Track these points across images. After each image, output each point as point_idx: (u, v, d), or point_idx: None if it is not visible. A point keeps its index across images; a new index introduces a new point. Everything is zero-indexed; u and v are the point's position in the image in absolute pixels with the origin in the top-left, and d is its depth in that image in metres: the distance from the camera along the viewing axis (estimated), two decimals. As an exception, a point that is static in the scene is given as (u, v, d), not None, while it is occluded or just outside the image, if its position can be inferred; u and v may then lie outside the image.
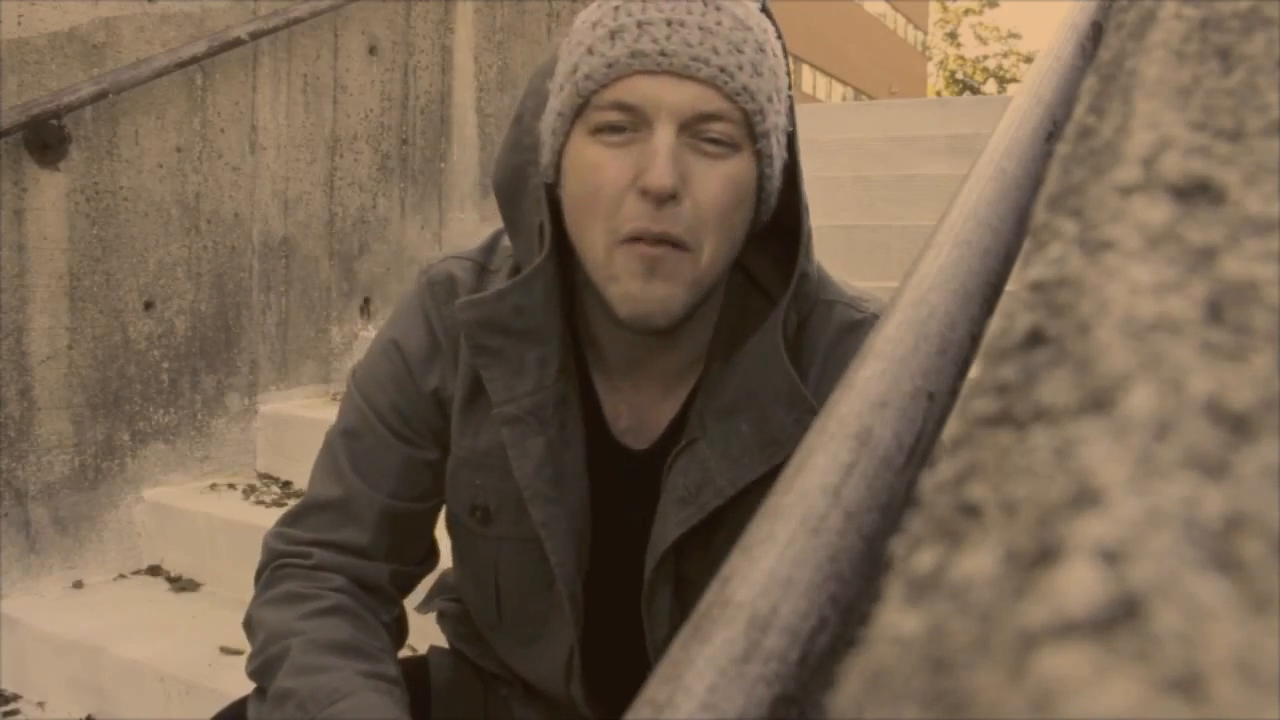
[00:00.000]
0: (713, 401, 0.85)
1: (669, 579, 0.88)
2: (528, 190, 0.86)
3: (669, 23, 0.76)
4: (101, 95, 2.18)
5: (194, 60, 2.34)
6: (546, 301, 0.85)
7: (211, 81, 2.45)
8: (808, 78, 28.09)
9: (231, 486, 2.46)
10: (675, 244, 0.76)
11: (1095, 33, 0.76)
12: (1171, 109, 0.31)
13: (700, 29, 0.76)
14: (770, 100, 0.79)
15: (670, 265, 0.77)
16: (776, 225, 0.87)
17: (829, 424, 0.39)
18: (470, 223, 3.15)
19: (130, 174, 2.30)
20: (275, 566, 0.93)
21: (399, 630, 0.97)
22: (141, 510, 2.37)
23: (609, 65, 0.76)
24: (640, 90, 0.76)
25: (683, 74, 0.75)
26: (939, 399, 0.42)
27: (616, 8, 0.78)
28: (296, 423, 2.53)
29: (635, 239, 0.76)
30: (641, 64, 0.75)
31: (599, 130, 0.78)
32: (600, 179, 0.77)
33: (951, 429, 0.22)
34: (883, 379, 0.41)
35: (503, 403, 0.85)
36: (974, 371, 0.28)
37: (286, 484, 2.50)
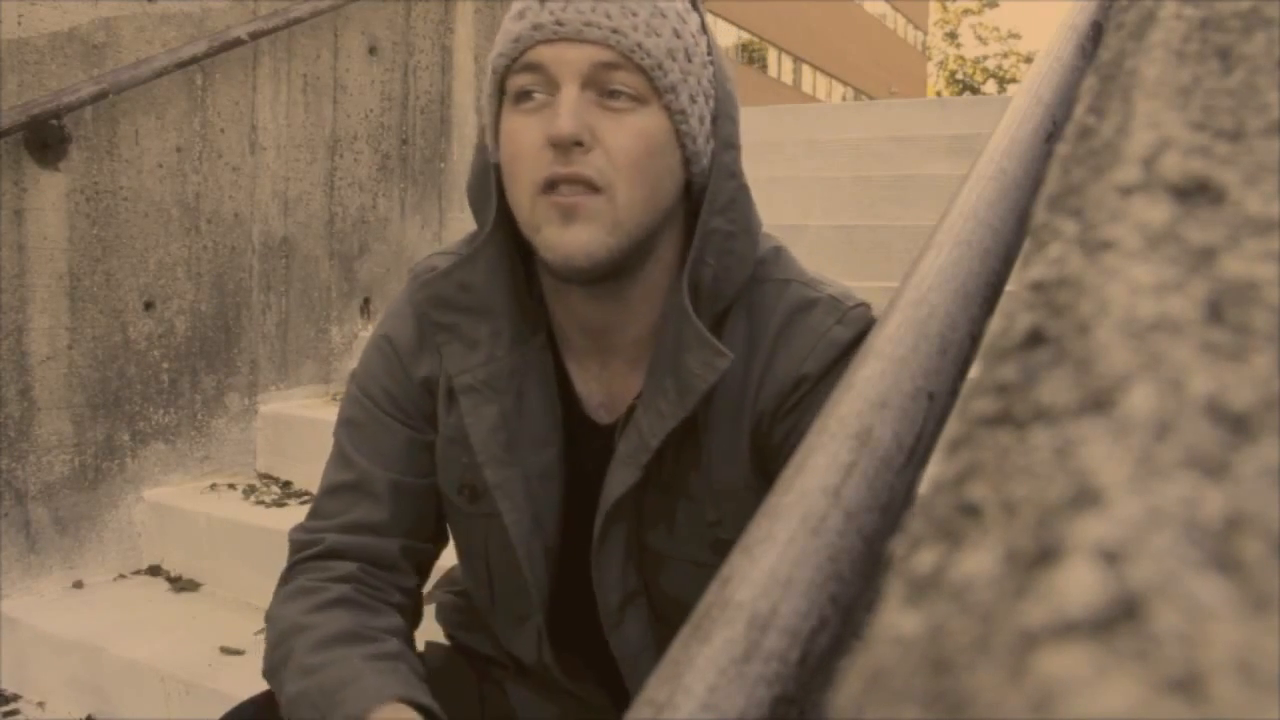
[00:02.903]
0: (651, 369, 0.89)
1: (620, 543, 0.91)
2: (489, 186, 0.91)
3: None
4: (101, 95, 2.18)
5: (194, 60, 2.34)
6: (491, 276, 0.90)
7: (211, 81, 2.45)
8: (808, 78, 28.09)
9: (231, 486, 2.46)
10: (587, 185, 0.81)
11: (1095, 33, 0.76)
12: (1171, 109, 0.31)
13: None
14: (672, 58, 0.84)
15: (586, 209, 0.81)
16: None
17: (829, 424, 0.39)
18: (470, 222, 3.15)
19: (130, 174, 2.30)
20: (292, 563, 0.97)
21: (413, 608, 0.99)
22: (141, 510, 2.37)
23: (515, 40, 0.84)
24: (543, 55, 0.82)
25: (577, 39, 0.82)
26: (939, 399, 0.42)
27: None
28: (296, 423, 2.53)
29: (550, 186, 0.81)
30: (541, 34, 0.82)
31: (518, 101, 0.84)
32: (519, 142, 0.83)
33: (951, 429, 0.22)
34: (883, 379, 0.41)
35: (459, 373, 0.91)
36: (974, 371, 0.28)
37: (286, 484, 2.50)
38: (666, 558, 0.91)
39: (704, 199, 0.87)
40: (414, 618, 0.99)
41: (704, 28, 0.89)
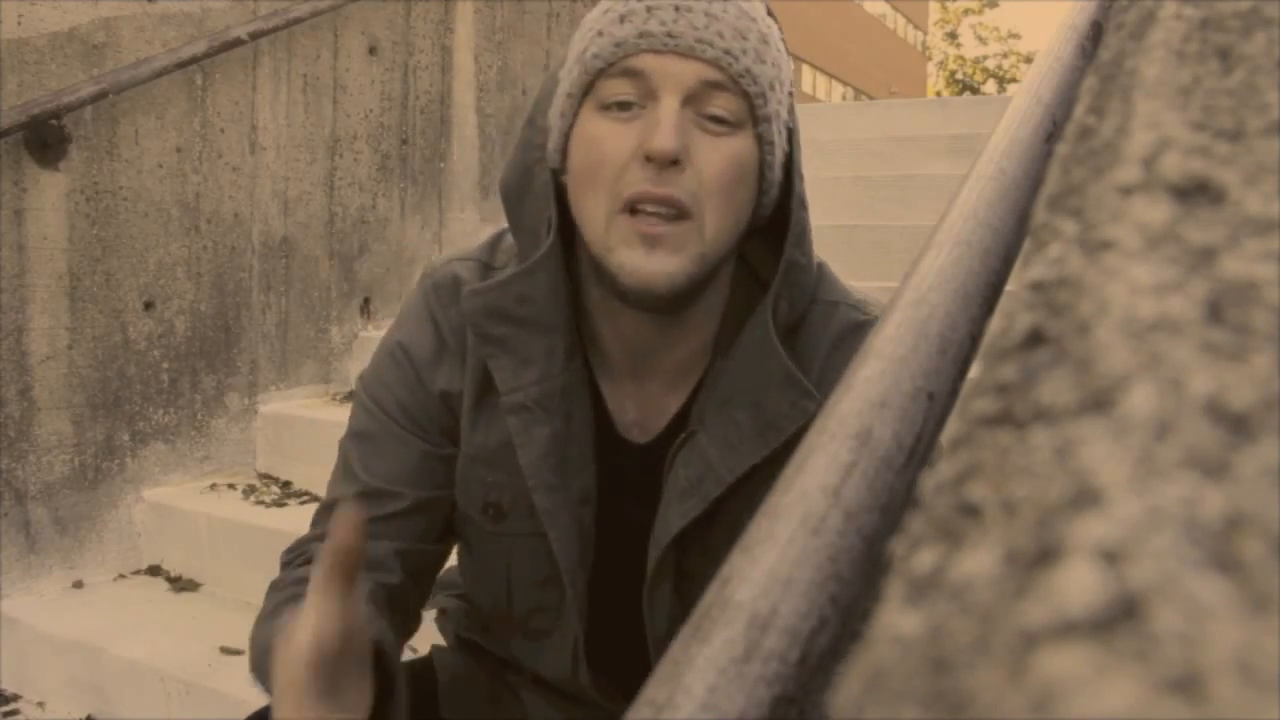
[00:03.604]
0: (712, 394, 0.86)
1: (670, 572, 0.89)
2: (535, 188, 0.87)
3: (676, 8, 0.79)
4: (101, 95, 2.18)
5: (194, 60, 2.34)
6: (551, 290, 0.86)
7: (211, 81, 2.45)
8: (808, 78, 28.10)
9: (231, 486, 2.46)
10: (678, 208, 0.78)
11: (1095, 33, 0.76)
12: (1171, 109, 0.31)
13: (706, 15, 0.79)
14: (772, 88, 0.81)
15: (673, 238, 0.78)
16: (782, 224, 0.88)
17: (829, 424, 0.39)
18: (470, 223, 3.15)
19: (130, 174, 2.30)
20: (277, 577, 0.94)
21: (388, 599, 0.92)
22: (141, 510, 2.37)
23: (617, 44, 0.79)
24: (648, 64, 0.79)
25: (688, 54, 0.78)
26: (939, 399, 0.42)
27: None
28: (296, 423, 2.53)
29: (636, 205, 0.78)
30: (649, 43, 0.78)
31: (607, 107, 0.80)
32: (604, 149, 0.79)
33: (951, 429, 0.22)
34: (883, 379, 0.41)
35: (509, 391, 0.86)
36: (974, 371, 0.28)
37: (286, 484, 2.50)
38: (704, 579, 0.89)
39: (760, 227, 0.86)
40: (397, 606, 0.92)
41: (788, 51, 0.87)
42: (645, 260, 0.78)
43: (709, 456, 0.84)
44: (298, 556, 0.93)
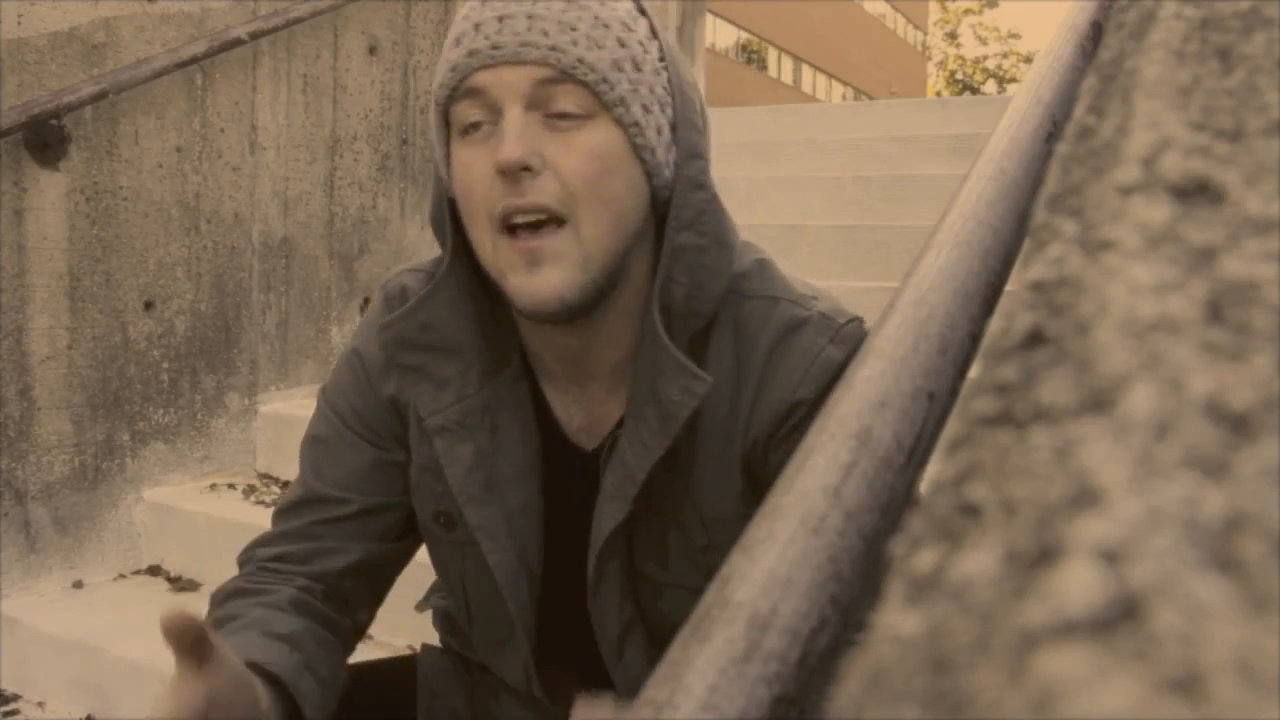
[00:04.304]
0: (632, 394, 0.86)
1: (615, 575, 0.89)
2: (445, 214, 0.88)
3: (500, 19, 0.79)
4: (101, 95, 2.18)
5: (194, 60, 2.34)
6: (453, 314, 0.87)
7: (211, 81, 2.45)
8: (808, 78, 28.11)
9: (231, 486, 2.46)
10: (547, 213, 0.78)
11: (1095, 33, 0.76)
12: (1171, 109, 0.31)
13: (528, 17, 0.79)
14: (618, 69, 0.80)
15: (551, 250, 0.78)
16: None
17: (829, 424, 0.39)
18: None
19: (130, 174, 2.30)
20: (218, 588, 0.96)
21: (324, 591, 0.94)
22: (141, 510, 2.37)
23: (453, 69, 0.80)
24: (482, 80, 0.79)
25: (515, 61, 0.78)
26: (939, 399, 0.42)
27: (464, 17, 0.82)
28: (296, 423, 2.53)
29: (510, 221, 0.78)
30: (479, 60, 0.79)
31: (465, 132, 0.81)
32: (470, 176, 0.80)
33: (951, 429, 0.22)
34: (883, 379, 0.41)
35: (430, 414, 0.88)
36: (974, 371, 0.28)
37: (286, 484, 2.50)
38: (663, 586, 0.89)
39: (666, 213, 0.83)
40: (340, 603, 0.94)
41: (654, 32, 0.84)
42: (529, 280, 0.78)
43: (626, 459, 0.84)
44: (248, 562, 0.95)
